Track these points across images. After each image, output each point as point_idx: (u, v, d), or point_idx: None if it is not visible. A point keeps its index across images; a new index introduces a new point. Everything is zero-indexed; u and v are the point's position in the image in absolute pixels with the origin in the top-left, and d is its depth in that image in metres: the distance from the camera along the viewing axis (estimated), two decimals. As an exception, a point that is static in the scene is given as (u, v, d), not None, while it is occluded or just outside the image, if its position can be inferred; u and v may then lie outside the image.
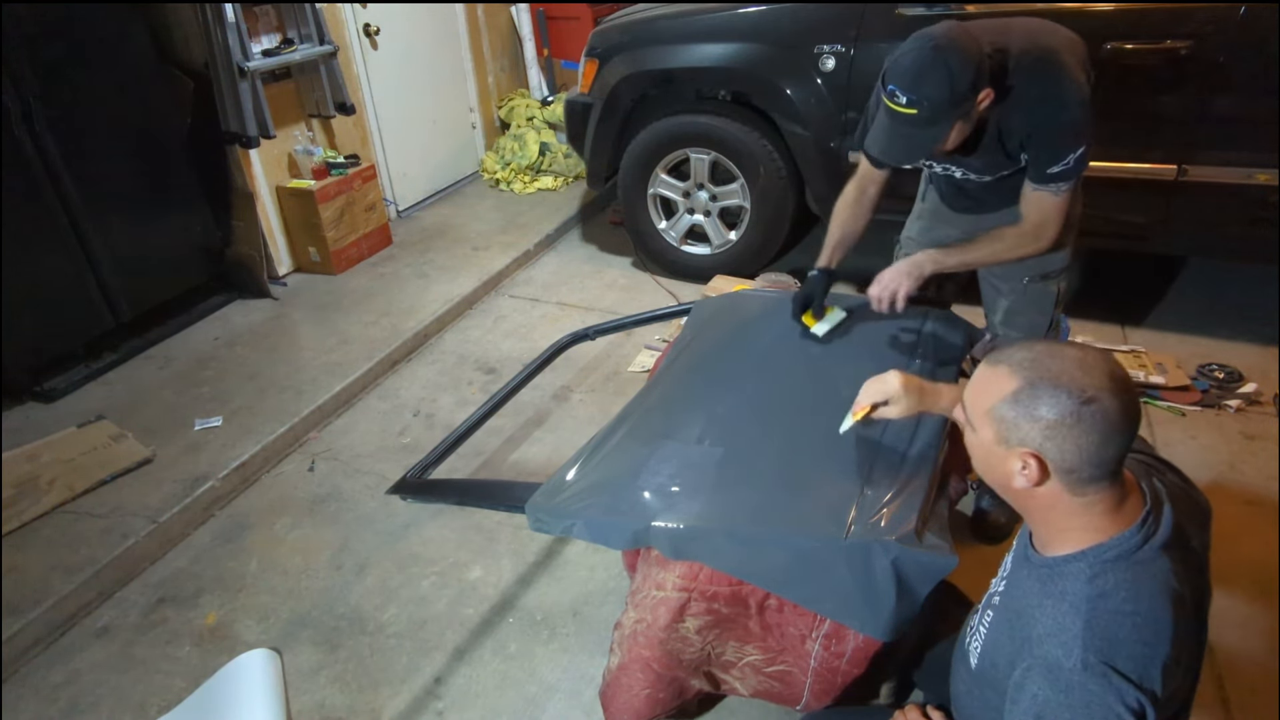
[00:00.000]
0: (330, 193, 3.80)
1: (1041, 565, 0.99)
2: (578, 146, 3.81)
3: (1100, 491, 0.93)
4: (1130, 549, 0.93)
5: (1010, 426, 0.93)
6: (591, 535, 1.48)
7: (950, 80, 1.46)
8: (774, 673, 1.41)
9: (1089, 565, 0.93)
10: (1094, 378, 0.90)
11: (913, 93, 1.47)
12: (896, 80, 1.49)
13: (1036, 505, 0.97)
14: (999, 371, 0.96)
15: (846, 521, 1.32)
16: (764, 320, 2.01)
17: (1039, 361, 0.93)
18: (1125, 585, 0.91)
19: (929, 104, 1.48)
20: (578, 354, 3.13)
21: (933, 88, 1.46)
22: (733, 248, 3.58)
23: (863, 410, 1.38)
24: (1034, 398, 0.91)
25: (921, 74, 1.46)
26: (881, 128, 1.60)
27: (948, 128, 1.53)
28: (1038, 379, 0.92)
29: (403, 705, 1.89)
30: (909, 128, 1.53)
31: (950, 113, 1.50)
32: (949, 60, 1.45)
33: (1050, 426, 0.90)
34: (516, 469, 2.65)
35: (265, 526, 2.47)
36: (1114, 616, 0.90)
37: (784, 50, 3.06)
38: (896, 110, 1.51)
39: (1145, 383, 2.76)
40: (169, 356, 3.30)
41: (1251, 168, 2.58)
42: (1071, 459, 0.90)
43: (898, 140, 1.59)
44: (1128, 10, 2.61)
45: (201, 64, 3.39)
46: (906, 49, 1.50)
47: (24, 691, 1.98)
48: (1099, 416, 0.88)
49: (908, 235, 2.15)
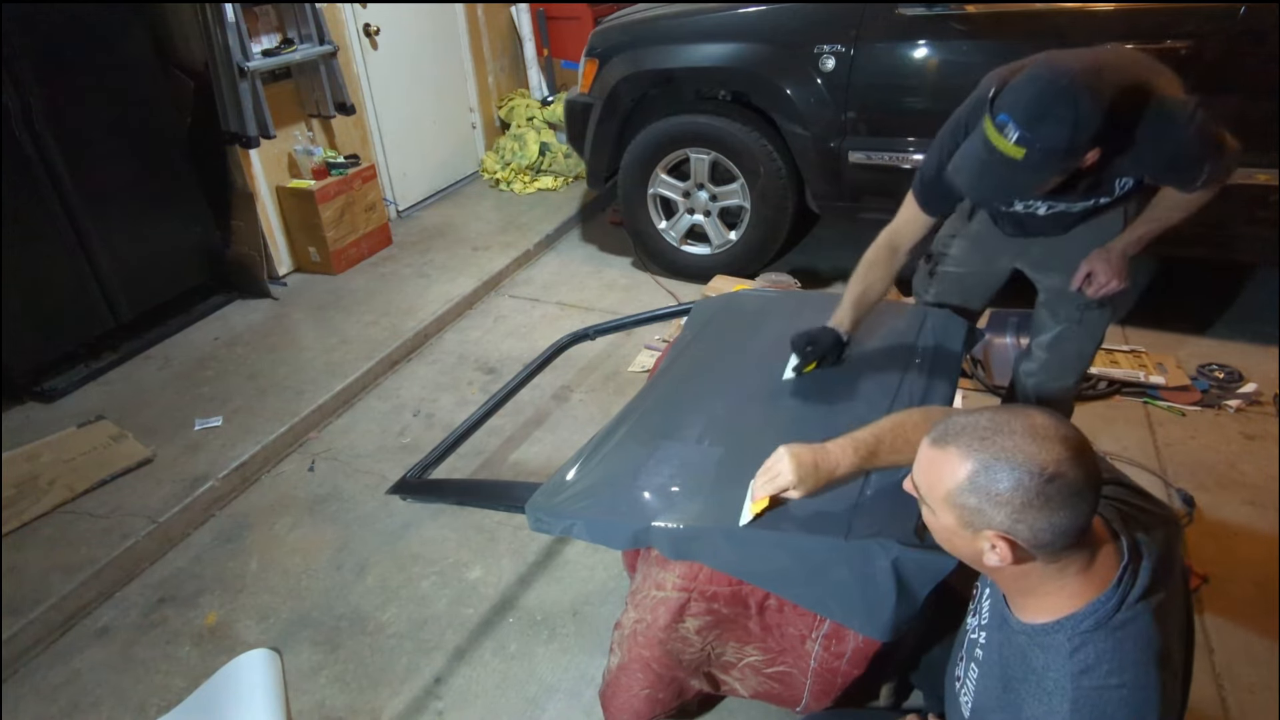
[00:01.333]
0: (330, 193, 3.80)
1: (1021, 632, 0.96)
2: (578, 146, 3.81)
3: (1072, 555, 0.90)
4: (1107, 614, 0.89)
5: (974, 513, 0.89)
6: (591, 535, 1.48)
7: (1074, 129, 1.25)
8: (774, 674, 1.41)
9: (1068, 638, 0.90)
10: (1050, 450, 0.85)
11: (1028, 131, 1.25)
12: (1012, 111, 1.27)
13: (1009, 576, 0.94)
14: (949, 454, 0.90)
15: (846, 521, 1.32)
16: (764, 320, 2.01)
17: (989, 440, 0.87)
18: (1107, 656, 0.88)
19: (1041, 149, 1.26)
20: (578, 354, 3.13)
21: (1053, 131, 1.25)
22: (733, 248, 3.58)
23: (761, 503, 1.31)
24: (992, 481, 0.86)
25: (1045, 112, 1.25)
26: (973, 158, 1.36)
27: (1050, 177, 1.34)
28: (992, 461, 0.86)
29: (403, 705, 1.89)
30: (1007, 170, 1.31)
31: (1060, 165, 1.31)
32: (1079, 102, 1.24)
33: (1017, 510, 0.85)
34: (516, 469, 2.65)
35: (265, 526, 2.47)
36: (1099, 693, 0.88)
37: (784, 50, 3.06)
38: (999, 147, 1.29)
39: (1145, 383, 2.77)
40: (169, 356, 3.30)
41: (1251, 168, 2.58)
42: (1044, 536, 0.86)
43: (989, 179, 1.36)
44: (1128, 10, 2.61)
45: (201, 64, 3.40)
46: (1032, 78, 1.28)
47: (24, 691, 1.98)
48: (1065, 491, 0.84)
49: (946, 252, 2.01)
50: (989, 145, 1.31)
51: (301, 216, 3.83)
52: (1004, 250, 1.91)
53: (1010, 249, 1.90)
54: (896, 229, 1.70)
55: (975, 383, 2.82)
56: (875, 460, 1.28)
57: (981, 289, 2.02)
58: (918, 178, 1.65)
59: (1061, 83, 1.25)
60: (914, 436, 1.25)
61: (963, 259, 1.99)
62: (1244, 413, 2.68)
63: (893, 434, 1.28)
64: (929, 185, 1.60)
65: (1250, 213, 2.66)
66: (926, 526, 1.01)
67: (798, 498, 1.30)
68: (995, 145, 1.30)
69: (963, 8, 2.74)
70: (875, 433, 1.28)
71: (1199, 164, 1.49)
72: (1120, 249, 1.72)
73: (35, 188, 2.87)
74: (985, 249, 1.94)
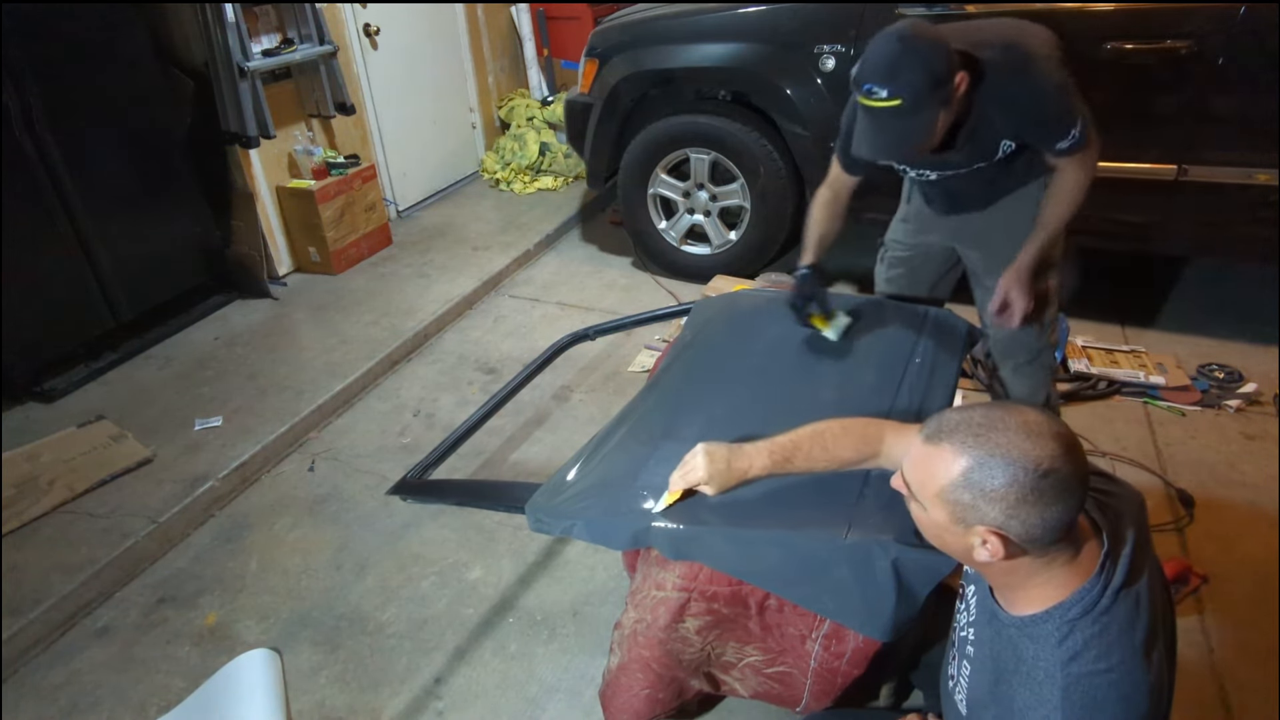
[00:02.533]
0: (330, 193, 3.80)
1: (1010, 625, 0.97)
2: (578, 146, 3.81)
3: (1060, 548, 0.91)
4: (1092, 601, 0.91)
5: (967, 509, 0.89)
6: (592, 535, 1.48)
7: (925, 65, 1.47)
8: (774, 674, 1.41)
9: (1056, 627, 0.91)
10: (1044, 446, 0.86)
11: (891, 84, 1.47)
12: (871, 77, 1.49)
13: (997, 571, 0.95)
14: (942, 451, 0.91)
15: (846, 521, 1.32)
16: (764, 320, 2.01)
17: (983, 436, 0.88)
18: (1094, 642, 0.90)
19: (910, 90, 1.47)
20: (578, 354, 3.13)
21: (910, 73, 1.46)
22: (733, 248, 3.58)
23: (674, 495, 1.37)
24: (987, 477, 0.87)
25: (896, 64, 1.47)
26: (866, 129, 1.58)
27: (934, 115, 1.53)
28: (987, 457, 0.87)
29: (403, 705, 1.89)
30: (895, 119, 1.52)
31: (932, 97, 1.50)
32: (918, 48, 1.47)
33: (1011, 505, 0.87)
34: (516, 469, 2.65)
35: (265, 526, 2.47)
36: (1089, 678, 0.89)
37: (784, 50, 3.06)
38: (878, 106, 1.50)
39: (1145, 383, 2.77)
40: (169, 356, 3.30)
41: (1251, 168, 2.58)
42: (1035, 530, 0.87)
43: (885, 135, 1.57)
44: (1128, 10, 2.61)
45: (201, 64, 3.39)
46: (873, 48, 1.51)
47: (24, 691, 1.98)
48: (1057, 486, 0.85)
49: (893, 238, 2.16)
50: (870, 111, 1.53)
51: (301, 216, 3.83)
52: (938, 228, 2.04)
53: (944, 227, 2.02)
54: (832, 179, 1.93)
55: (975, 382, 2.82)
56: (790, 465, 1.32)
57: (927, 272, 2.14)
58: (839, 151, 1.87)
59: (895, 38, 1.48)
60: (832, 446, 1.30)
61: (906, 242, 2.13)
62: (1244, 413, 2.68)
63: (811, 442, 1.32)
64: (842, 148, 1.84)
65: (1250, 213, 2.66)
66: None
67: (710, 494, 1.35)
68: (874, 107, 1.51)
69: (963, 8, 2.74)
70: (794, 439, 1.33)
71: (1062, 120, 1.63)
72: (1026, 266, 1.81)
73: (35, 188, 2.87)
74: (923, 229, 2.08)
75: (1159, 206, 2.78)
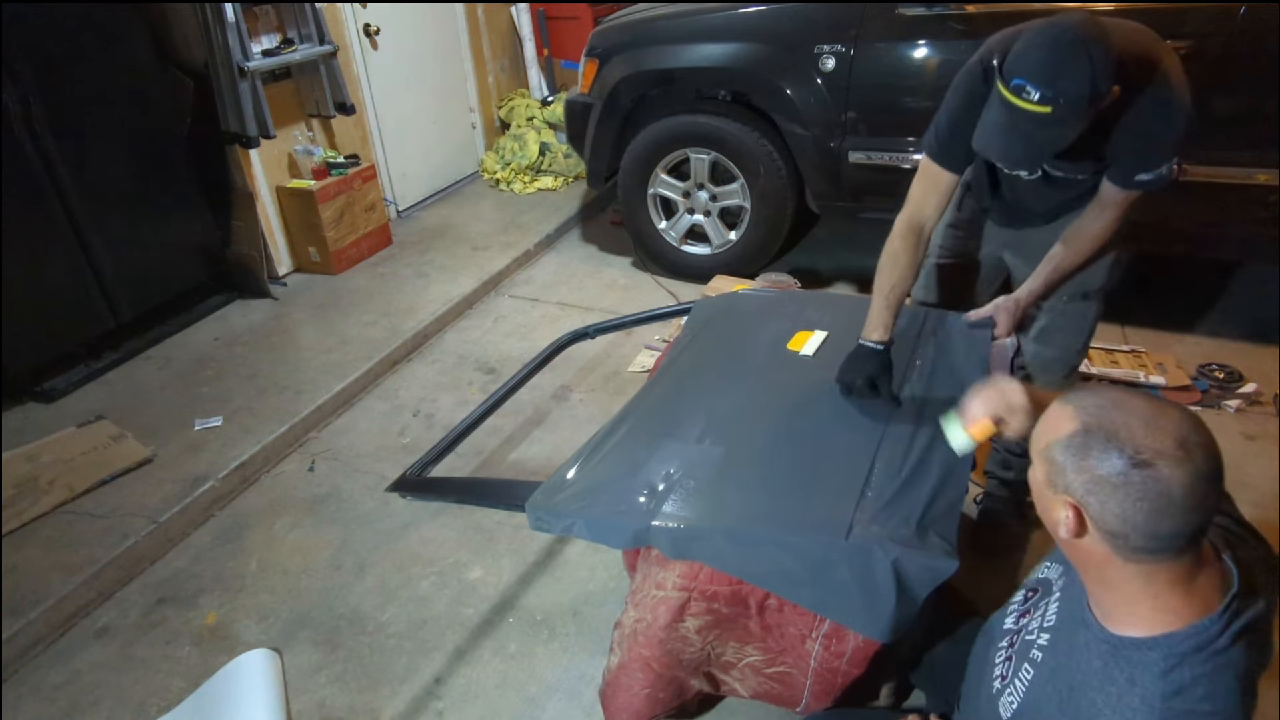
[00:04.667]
0: (330, 193, 3.80)
1: (1105, 641, 0.91)
2: (578, 146, 3.80)
3: (1161, 565, 0.84)
4: (1209, 638, 0.84)
5: (1057, 470, 0.87)
6: (592, 534, 1.48)
7: (1092, 75, 1.28)
8: (774, 674, 1.41)
9: (1163, 657, 0.85)
10: (1158, 439, 0.80)
11: (1049, 89, 1.29)
12: (1027, 74, 1.31)
13: (1088, 563, 0.90)
14: (1064, 411, 0.89)
15: (847, 522, 1.32)
16: (764, 320, 2.01)
17: (1104, 409, 0.85)
18: (1203, 681, 0.84)
19: (1066, 101, 1.30)
20: (577, 354, 3.13)
21: (1073, 82, 1.29)
22: (733, 248, 3.58)
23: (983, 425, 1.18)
24: (1085, 446, 0.84)
25: (1060, 67, 1.29)
26: (996, 127, 1.40)
27: (1079, 127, 1.35)
28: (1094, 427, 0.84)
29: (403, 705, 1.89)
30: (1037, 127, 1.34)
31: (1086, 112, 1.33)
32: (1091, 52, 1.28)
33: (1094, 481, 0.83)
34: (516, 468, 2.65)
35: (265, 526, 2.47)
36: (1189, 716, 0.83)
37: (784, 50, 3.06)
38: (1023, 108, 1.32)
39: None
40: (169, 356, 3.30)
41: (1251, 168, 2.58)
42: (1114, 523, 0.83)
43: (1021, 142, 1.39)
44: (1127, 10, 2.61)
45: (201, 64, 3.39)
46: (1036, 40, 1.33)
47: (24, 691, 1.98)
48: (1150, 484, 0.80)
49: (939, 244, 2.01)
50: (1012, 109, 1.34)
51: (301, 216, 3.83)
52: (992, 238, 1.93)
53: (999, 237, 1.91)
54: (917, 206, 1.67)
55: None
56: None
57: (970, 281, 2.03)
58: (932, 139, 1.64)
59: (1067, 37, 1.30)
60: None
61: (954, 249, 1.99)
62: (1244, 413, 2.68)
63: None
64: (944, 140, 1.60)
65: (1250, 213, 2.66)
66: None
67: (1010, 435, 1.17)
68: (1019, 107, 1.33)
69: (963, 8, 2.74)
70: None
71: (1168, 155, 1.51)
72: (1024, 300, 1.75)
73: (35, 188, 2.87)
74: (973, 237, 1.95)
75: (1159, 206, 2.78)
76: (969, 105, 1.52)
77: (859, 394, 1.61)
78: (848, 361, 1.64)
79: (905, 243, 1.66)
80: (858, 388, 1.60)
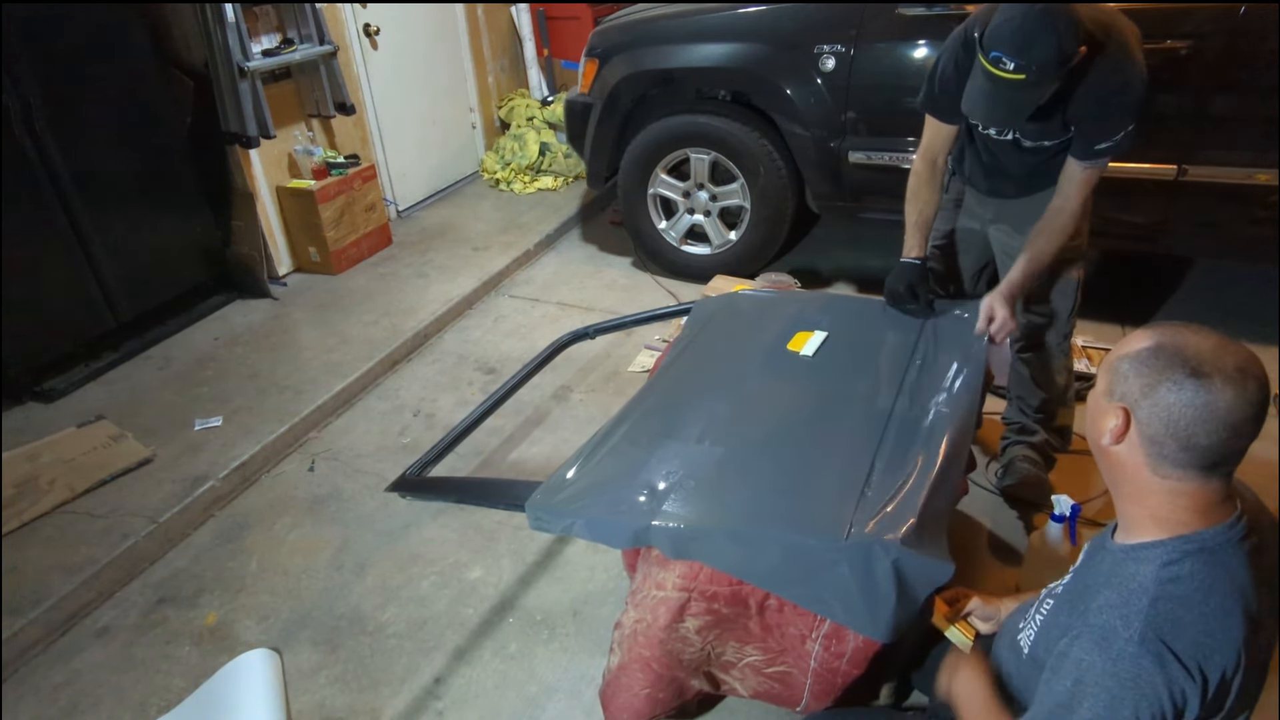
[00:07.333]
0: (330, 193, 3.80)
1: (1116, 550, 0.97)
2: (578, 146, 3.81)
3: (1185, 481, 0.90)
4: (1213, 543, 0.90)
5: (1119, 378, 0.92)
6: (592, 534, 1.48)
7: (1059, 43, 1.47)
8: (774, 674, 1.41)
9: (1166, 552, 0.91)
10: (1221, 359, 0.86)
11: (1021, 58, 1.47)
12: (1003, 46, 1.48)
13: (1120, 474, 0.95)
14: (1142, 334, 0.94)
15: (847, 522, 1.32)
16: (764, 320, 2.01)
17: (1179, 333, 0.90)
18: (1200, 576, 0.89)
19: (1038, 68, 1.48)
20: (577, 354, 3.13)
21: (1043, 51, 1.47)
22: (733, 248, 3.58)
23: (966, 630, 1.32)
24: (1153, 357, 0.89)
25: (1031, 39, 1.46)
26: (980, 93, 1.58)
27: (1050, 89, 1.55)
28: (1167, 343, 0.89)
29: (403, 705, 1.89)
30: (1013, 92, 1.53)
31: (1056, 74, 1.51)
32: (1058, 23, 1.46)
33: (1150, 385, 0.88)
34: (516, 468, 2.65)
35: (265, 526, 2.47)
36: (1182, 602, 0.88)
37: (784, 50, 3.06)
38: (1001, 76, 1.51)
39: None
40: (169, 356, 3.30)
41: (1251, 168, 2.58)
42: (1158, 428, 0.88)
43: (1000, 105, 1.58)
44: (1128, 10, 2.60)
45: (201, 64, 3.39)
46: (1009, 13, 1.49)
47: (24, 691, 1.98)
48: (1201, 394, 0.85)
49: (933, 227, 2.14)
50: (992, 78, 1.53)
51: (301, 216, 3.83)
52: (979, 211, 2.08)
53: (986, 210, 2.05)
54: (928, 145, 1.91)
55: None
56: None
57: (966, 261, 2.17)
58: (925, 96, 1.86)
59: (1035, 10, 1.47)
60: None
61: (943, 229, 2.14)
62: (1244, 413, 2.67)
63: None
64: (935, 96, 1.83)
65: (1250, 213, 2.66)
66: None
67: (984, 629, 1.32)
68: (998, 76, 1.51)
69: (963, 8, 2.74)
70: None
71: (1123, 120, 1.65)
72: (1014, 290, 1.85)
73: (35, 188, 2.87)
74: (963, 210, 2.12)
75: (1159, 206, 2.78)
76: (955, 68, 1.74)
77: (901, 300, 1.88)
78: (891, 275, 1.91)
79: (924, 175, 1.92)
80: (900, 294, 1.88)
